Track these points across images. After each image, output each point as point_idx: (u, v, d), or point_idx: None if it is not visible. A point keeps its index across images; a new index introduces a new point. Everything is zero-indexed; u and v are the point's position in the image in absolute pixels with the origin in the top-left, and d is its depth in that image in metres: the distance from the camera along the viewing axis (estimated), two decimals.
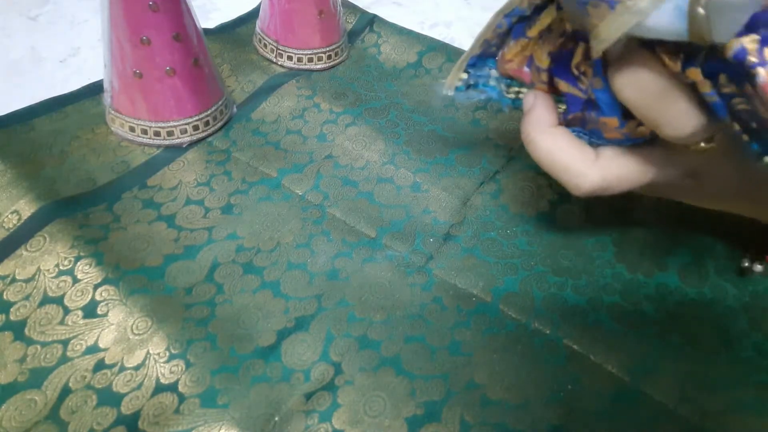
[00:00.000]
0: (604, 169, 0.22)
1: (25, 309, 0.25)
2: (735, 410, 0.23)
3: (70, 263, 0.26)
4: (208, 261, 0.28)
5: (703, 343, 0.25)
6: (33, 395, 0.22)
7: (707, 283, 0.28)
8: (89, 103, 0.36)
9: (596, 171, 0.22)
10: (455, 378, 0.24)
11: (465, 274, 0.28)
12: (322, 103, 0.38)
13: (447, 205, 0.32)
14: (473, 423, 0.22)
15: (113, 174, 0.32)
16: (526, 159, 0.35)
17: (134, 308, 0.25)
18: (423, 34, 0.45)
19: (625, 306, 0.27)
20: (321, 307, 0.26)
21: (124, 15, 0.29)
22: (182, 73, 0.32)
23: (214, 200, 0.31)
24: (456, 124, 0.38)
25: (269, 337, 0.25)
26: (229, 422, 0.22)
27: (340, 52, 0.42)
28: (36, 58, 0.42)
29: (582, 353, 0.25)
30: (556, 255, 0.29)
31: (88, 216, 0.29)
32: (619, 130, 0.21)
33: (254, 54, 0.42)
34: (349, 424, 0.22)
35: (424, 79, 0.42)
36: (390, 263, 0.28)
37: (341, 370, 0.24)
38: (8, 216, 0.28)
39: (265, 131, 0.36)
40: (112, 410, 0.22)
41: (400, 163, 0.34)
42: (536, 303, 0.27)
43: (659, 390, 0.24)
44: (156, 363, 0.24)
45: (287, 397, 0.23)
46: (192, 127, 0.34)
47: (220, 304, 0.26)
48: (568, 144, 0.22)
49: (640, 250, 0.29)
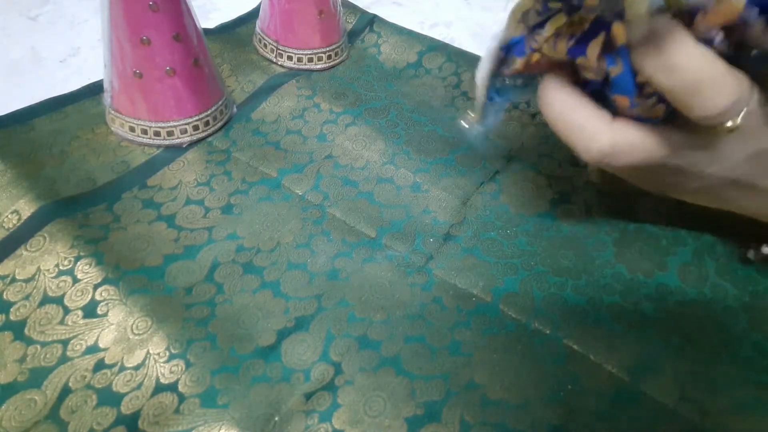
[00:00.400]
0: (618, 133, 0.21)
1: (25, 309, 0.25)
2: (735, 410, 0.23)
3: (70, 263, 0.26)
4: (208, 261, 0.28)
5: (703, 343, 0.25)
6: (33, 395, 0.22)
7: (707, 283, 0.28)
8: (89, 103, 0.36)
9: (609, 134, 0.21)
10: (455, 378, 0.24)
11: (465, 274, 0.28)
12: (322, 103, 0.38)
13: (447, 205, 0.32)
14: (473, 423, 0.22)
15: (113, 174, 0.32)
16: (526, 159, 0.35)
17: (134, 308, 0.25)
18: (423, 34, 0.45)
19: (625, 306, 0.27)
20: (321, 307, 0.26)
21: (124, 15, 0.29)
22: (182, 73, 0.32)
23: (214, 200, 0.31)
24: (456, 124, 0.38)
25: (269, 337, 0.25)
26: (229, 422, 0.22)
27: (340, 52, 0.42)
28: (36, 58, 0.42)
29: (582, 353, 0.25)
30: (556, 255, 0.29)
31: (88, 216, 0.29)
32: (630, 110, 0.21)
33: (254, 54, 0.42)
34: (349, 424, 0.22)
35: (424, 79, 0.42)
36: (390, 263, 0.28)
37: (341, 370, 0.24)
38: (8, 216, 0.28)
39: (265, 131, 0.36)
40: (112, 410, 0.22)
41: (400, 163, 0.34)
42: (536, 303, 0.27)
43: (659, 390, 0.24)
44: (156, 363, 0.24)
45: (287, 397, 0.23)
46: (192, 127, 0.34)
47: (220, 304, 0.26)
48: (583, 104, 0.22)
49: (640, 250, 0.29)
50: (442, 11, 0.51)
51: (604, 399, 0.23)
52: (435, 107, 0.39)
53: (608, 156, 0.22)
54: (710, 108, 0.19)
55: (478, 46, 0.45)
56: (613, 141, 0.21)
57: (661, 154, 0.22)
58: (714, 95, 0.19)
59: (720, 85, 0.19)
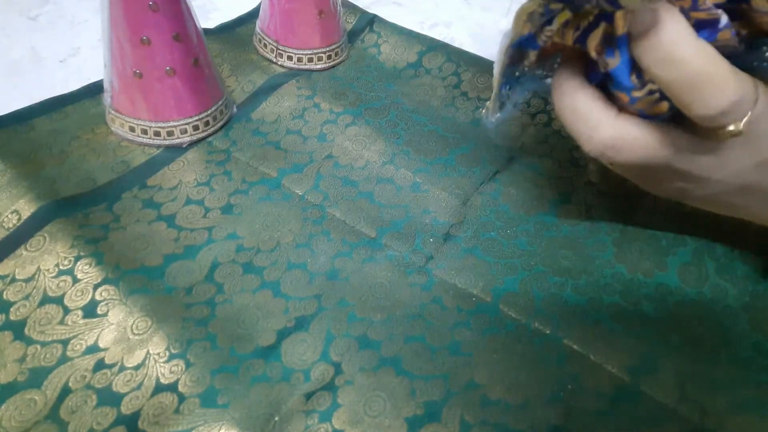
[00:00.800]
0: (621, 127, 0.21)
1: (25, 309, 0.25)
2: (735, 410, 0.23)
3: (70, 263, 0.26)
4: (208, 261, 0.28)
5: (703, 343, 0.25)
6: (33, 395, 0.22)
7: (707, 283, 0.28)
8: (89, 103, 0.36)
9: (612, 126, 0.21)
10: (455, 378, 0.24)
11: (465, 274, 0.28)
12: (322, 103, 0.38)
13: (447, 205, 0.32)
14: (473, 423, 0.22)
15: (113, 174, 0.32)
16: (526, 159, 0.35)
17: (134, 308, 0.25)
18: (423, 34, 0.45)
19: (625, 306, 0.27)
20: (321, 307, 0.26)
21: (124, 15, 0.29)
22: (182, 73, 0.32)
23: (214, 200, 0.31)
24: (456, 124, 0.38)
25: (269, 337, 0.25)
26: (229, 422, 0.22)
27: (340, 52, 0.42)
28: (36, 58, 0.42)
29: (582, 353, 0.25)
30: (556, 255, 0.29)
31: (88, 216, 0.29)
32: (632, 106, 0.21)
33: (254, 54, 0.42)
34: (349, 424, 0.22)
35: (424, 79, 0.42)
36: (390, 263, 0.28)
37: (341, 370, 0.24)
38: (8, 216, 0.28)
39: (265, 131, 0.36)
40: (112, 410, 0.22)
41: (400, 163, 0.34)
42: (536, 303, 0.27)
43: (659, 390, 0.24)
44: (156, 363, 0.24)
45: (287, 397, 0.23)
46: (192, 127, 0.34)
47: (220, 304, 0.26)
48: (591, 95, 0.22)
49: (640, 250, 0.29)
50: (442, 11, 0.51)
51: (604, 399, 0.23)
52: (435, 107, 0.39)
53: (610, 149, 0.22)
54: (710, 106, 0.19)
55: (478, 46, 0.45)
56: (615, 133, 0.21)
57: (665, 154, 0.22)
58: (714, 93, 0.18)
59: (720, 82, 0.18)
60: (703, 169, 0.22)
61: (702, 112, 0.19)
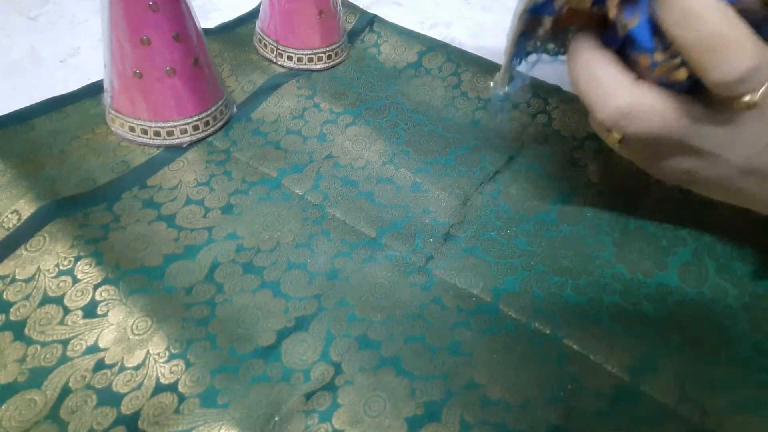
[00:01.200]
0: (638, 95, 0.21)
1: (25, 309, 0.25)
2: (735, 410, 0.23)
3: (70, 263, 0.26)
4: (208, 261, 0.28)
5: (703, 343, 0.25)
6: (33, 395, 0.22)
7: (707, 283, 0.28)
8: (89, 103, 0.36)
9: (629, 93, 0.21)
10: (455, 378, 0.24)
11: (465, 274, 0.28)
12: (322, 103, 0.38)
13: (447, 205, 0.32)
14: (473, 423, 0.22)
15: (113, 174, 0.32)
16: (526, 159, 0.35)
17: (134, 308, 0.25)
18: (423, 34, 0.45)
19: (625, 306, 0.27)
20: (321, 307, 0.26)
21: (124, 15, 0.29)
22: (182, 73, 0.32)
23: (214, 200, 0.31)
24: (456, 124, 0.38)
25: (269, 337, 0.25)
26: (229, 422, 0.22)
27: (340, 52, 0.42)
28: (36, 58, 0.42)
29: (582, 353, 0.25)
30: (556, 255, 0.29)
31: (88, 216, 0.29)
32: (651, 71, 0.21)
33: (254, 54, 0.42)
34: (349, 424, 0.22)
35: (424, 79, 0.42)
36: (390, 263, 0.28)
37: (341, 370, 0.24)
38: (8, 216, 0.28)
39: (265, 131, 0.36)
40: (112, 410, 0.22)
41: (400, 163, 0.34)
42: (536, 303, 0.27)
43: (659, 390, 0.24)
44: (156, 363, 0.24)
45: (287, 397, 0.23)
46: (192, 127, 0.34)
47: (220, 304, 0.26)
48: (608, 61, 0.22)
49: (640, 250, 0.29)
50: (442, 11, 0.51)
51: (604, 399, 0.23)
52: (435, 107, 0.39)
53: (624, 117, 0.21)
54: (727, 71, 0.19)
55: (478, 46, 0.45)
56: (632, 101, 0.21)
57: (679, 125, 0.21)
58: (732, 57, 0.18)
59: (739, 46, 0.18)
60: (714, 145, 0.22)
61: (719, 77, 0.19)
